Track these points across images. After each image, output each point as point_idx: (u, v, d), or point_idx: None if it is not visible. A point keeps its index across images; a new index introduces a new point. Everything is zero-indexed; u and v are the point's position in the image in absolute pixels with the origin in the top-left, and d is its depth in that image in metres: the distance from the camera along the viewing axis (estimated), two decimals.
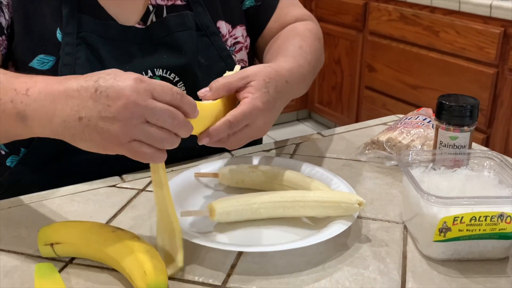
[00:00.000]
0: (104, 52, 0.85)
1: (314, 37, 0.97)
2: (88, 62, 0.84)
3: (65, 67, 0.83)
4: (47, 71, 0.83)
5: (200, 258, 0.66)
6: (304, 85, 0.89)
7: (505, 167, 0.71)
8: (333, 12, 3.02)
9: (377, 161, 0.92)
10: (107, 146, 0.60)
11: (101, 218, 0.75)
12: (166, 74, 0.89)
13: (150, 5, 0.90)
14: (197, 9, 0.92)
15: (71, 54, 0.83)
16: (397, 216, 0.76)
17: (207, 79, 0.90)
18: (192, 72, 0.90)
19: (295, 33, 0.96)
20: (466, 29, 2.26)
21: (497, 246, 0.66)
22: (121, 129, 0.57)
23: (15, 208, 0.78)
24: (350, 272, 0.64)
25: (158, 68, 0.88)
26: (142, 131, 0.58)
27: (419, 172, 0.72)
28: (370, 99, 2.89)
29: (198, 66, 0.90)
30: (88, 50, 0.84)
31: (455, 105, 0.75)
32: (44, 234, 0.65)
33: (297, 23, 1.01)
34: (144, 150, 0.59)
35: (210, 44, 0.93)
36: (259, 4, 1.00)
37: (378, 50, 2.75)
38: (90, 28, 0.85)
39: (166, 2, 0.91)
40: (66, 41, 0.83)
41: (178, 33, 0.89)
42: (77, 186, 0.84)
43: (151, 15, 0.89)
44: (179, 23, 0.90)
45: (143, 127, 0.58)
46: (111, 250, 0.62)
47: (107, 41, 0.86)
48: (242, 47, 0.99)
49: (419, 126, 0.90)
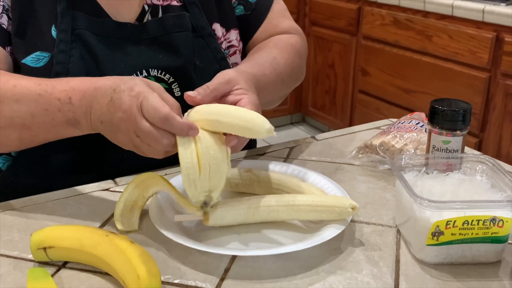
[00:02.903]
0: (98, 50, 0.85)
1: (295, 52, 0.98)
2: (82, 60, 0.84)
3: (58, 65, 0.83)
4: (41, 68, 0.83)
5: (194, 262, 0.66)
6: (266, 95, 0.88)
7: (497, 171, 0.71)
8: (327, 16, 3.03)
9: (370, 165, 0.92)
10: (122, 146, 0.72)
11: (95, 221, 0.75)
12: (161, 75, 0.88)
13: (145, 5, 0.89)
14: (193, 10, 0.92)
15: (65, 51, 0.83)
16: (390, 220, 0.77)
17: (202, 81, 0.90)
18: (187, 74, 0.90)
19: (275, 45, 0.97)
20: (459, 34, 2.28)
21: (489, 250, 0.66)
22: (122, 136, 0.69)
23: (8, 212, 0.78)
24: (343, 276, 0.64)
25: (153, 68, 0.88)
26: (134, 141, 0.68)
27: (412, 176, 0.72)
28: (363, 103, 2.90)
29: (193, 68, 0.90)
30: (83, 48, 0.84)
31: (448, 110, 0.76)
32: (37, 238, 0.65)
33: (282, 35, 1.01)
34: (143, 150, 0.69)
35: (206, 46, 0.93)
36: (249, 14, 1.00)
37: (371, 54, 2.77)
38: (84, 25, 0.84)
39: (162, 2, 0.91)
40: (60, 38, 0.83)
41: (175, 34, 0.89)
42: (70, 190, 0.83)
43: (147, 14, 0.89)
44: (176, 24, 0.89)
45: (136, 140, 0.68)
46: (104, 254, 0.62)
47: (102, 39, 0.85)
48: (236, 50, 0.99)
49: (412, 130, 0.91)
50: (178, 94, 0.90)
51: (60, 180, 0.85)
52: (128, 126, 0.66)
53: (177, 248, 0.68)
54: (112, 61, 0.85)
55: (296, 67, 0.97)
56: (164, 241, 0.69)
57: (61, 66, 0.83)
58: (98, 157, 0.87)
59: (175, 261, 0.66)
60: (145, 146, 0.68)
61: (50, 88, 0.73)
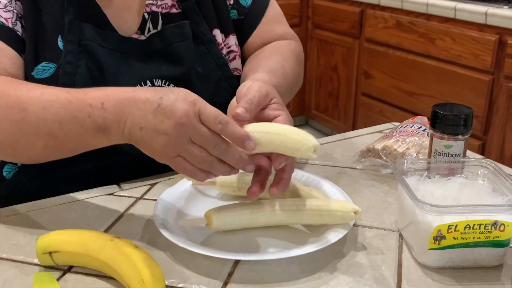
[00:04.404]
0: (104, 61, 0.85)
1: (296, 59, 0.98)
2: (88, 71, 0.84)
3: (65, 76, 0.83)
4: (47, 78, 0.83)
5: (197, 266, 0.67)
6: None
7: (499, 175, 0.72)
8: (329, 20, 3.03)
9: (373, 169, 0.92)
10: (157, 156, 0.67)
11: (99, 226, 0.76)
12: (164, 85, 0.89)
13: (145, 13, 0.90)
14: (193, 17, 0.92)
15: (72, 62, 0.83)
16: (393, 224, 0.77)
17: (204, 87, 0.91)
18: (190, 82, 0.90)
19: (278, 51, 0.96)
20: (461, 37, 2.28)
21: (491, 254, 0.66)
22: (169, 145, 0.65)
23: (14, 217, 0.78)
24: (346, 280, 0.65)
25: (157, 79, 0.89)
26: (186, 149, 0.65)
27: (414, 181, 0.73)
28: (366, 105, 2.90)
29: (195, 75, 0.91)
30: (89, 59, 0.85)
31: (450, 114, 0.76)
32: (43, 242, 0.66)
33: (281, 41, 1.01)
34: (186, 166, 0.66)
35: (207, 53, 0.93)
36: (242, 18, 1.00)
37: (374, 57, 2.77)
38: (91, 36, 0.85)
39: (161, 10, 0.91)
40: (67, 49, 0.84)
41: (176, 44, 0.90)
42: (75, 195, 0.84)
43: (148, 23, 0.90)
44: (177, 34, 0.90)
45: (187, 146, 0.64)
46: (109, 258, 0.63)
47: (107, 51, 0.86)
48: (235, 55, 0.99)
49: (414, 134, 0.91)
50: None
51: (65, 188, 0.86)
52: (181, 132, 0.64)
53: (181, 252, 0.68)
54: (118, 73, 0.86)
55: (297, 75, 0.97)
56: (168, 245, 0.70)
57: (68, 77, 0.83)
58: (103, 167, 0.88)
59: (179, 265, 0.67)
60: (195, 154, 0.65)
61: (81, 95, 0.70)
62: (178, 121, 0.64)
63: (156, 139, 0.65)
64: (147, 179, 0.89)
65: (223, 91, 0.94)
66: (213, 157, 0.65)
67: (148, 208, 0.80)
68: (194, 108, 0.64)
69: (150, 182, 0.88)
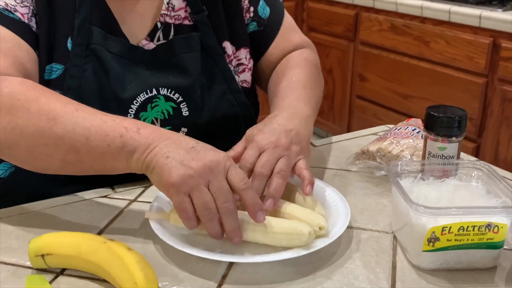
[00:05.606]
0: (111, 67, 0.85)
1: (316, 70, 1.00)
2: (94, 75, 0.84)
3: (71, 79, 0.83)
4: (54, 80, 0.83)
5: (192, 268, 0.67)
6: None
7: (493, 177, 0.72)
8: (324, 22, 3.04)
9: (367, 171, 0.92)
10: (168, 187, 0.66)
11: (93, 228, 0.75)
12: (170, 94, 0.89)
13: (158, 22, 0.90)
14: (203, 30, 0.93)
15: (79, 65, 0.83)
16: (387, 226, 0.77)
17: (210, 100, 0.92)
18: (196, 93, 0.91)
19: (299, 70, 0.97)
20: (456, 39, 2.29)
21: (485, 256, 0.66)
22: (188, 178, 0.65)
23: (6, 219, 0.78)
24: (340, 282, 0.65)
25: (163, 87, 0.89)
26: (199, 190, 0.66)
27: (408, 182, 0.73)
28: (361, 108, 2.91)
29: (200, 86, 0.91)
30: (97, 63, 0.85)
31: (444, 116, 0.76)
32: (35, 245, 0.65)
33: (294, 53, 1.02)
34: (187, 207, 0.66)
35: (214, 65, 0.94)
36: (262, 29, 1.01)
37: (369, 60, 2.77)
38: (100, 40, 0.85)
39: (174, 21, 0.92)
40: (75, 52, 0.84)
41: (184, 55, 0.91)
42: (69, 197, 0.84)
43: (159, 32, 0.90)
44: (185, 45, 0.91)
45: (202, 188, 0.66)
46: (102, 260, 0.62)
47: (115, 57, 0.86)
48: (245, 68, 1.00)
49: (408, 136, 0.91)
50: (186, 114, 0.91)
51: (60, 189, 0.85)
52: (205, 174, 0.66)
53: (174, 254, 0.68)
54: (124, 79, 0.86)
55: (319, 83, 1.00)
56: (162, 247, 0.70)
57: (73, 80, 0.83)
58: None
59: (172, 267, 0.67)
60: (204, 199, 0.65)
61: (119, 119, 0.71)
62: (207, 164, 0.66)
63: (178, 169, 0.66)
64: (140, 182, 0.88)
65: (227, 103, 0.95)
66: (217, 212, 0.66)
67: (141, 211, 0.80)
68: (226, 161, 0.68)
69: (144, 185, 0.88)
